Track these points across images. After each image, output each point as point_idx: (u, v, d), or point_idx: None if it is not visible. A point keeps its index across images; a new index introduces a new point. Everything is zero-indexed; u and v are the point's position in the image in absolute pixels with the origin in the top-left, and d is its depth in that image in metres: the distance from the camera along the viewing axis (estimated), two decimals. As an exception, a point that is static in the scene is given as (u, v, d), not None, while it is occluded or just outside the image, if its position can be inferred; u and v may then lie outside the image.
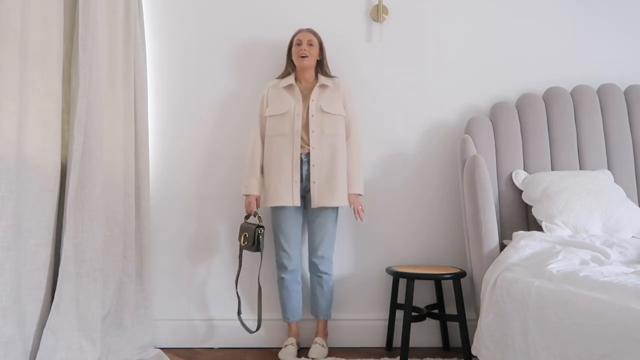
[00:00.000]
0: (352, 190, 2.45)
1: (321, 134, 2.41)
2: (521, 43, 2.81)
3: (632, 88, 2.67)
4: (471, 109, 2.77)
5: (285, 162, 2.39)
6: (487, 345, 1.98)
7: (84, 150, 2.02)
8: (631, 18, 2.85)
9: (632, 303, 1.31)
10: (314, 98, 2.45)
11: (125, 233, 2.34)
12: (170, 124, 2.72)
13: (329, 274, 2.47)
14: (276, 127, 2.44)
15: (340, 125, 2.46)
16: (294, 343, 2.45)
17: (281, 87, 2.50)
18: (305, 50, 2.45)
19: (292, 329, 2.52)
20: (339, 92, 2.49)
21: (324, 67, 2.55)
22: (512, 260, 2.03)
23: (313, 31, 2.53)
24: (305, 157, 2.41)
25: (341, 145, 2.44)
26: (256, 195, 2.46)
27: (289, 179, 2.38)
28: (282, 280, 2.46)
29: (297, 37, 2.50)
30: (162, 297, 2.64)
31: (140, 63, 2.50)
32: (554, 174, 2.45)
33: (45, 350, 1.81)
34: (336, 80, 2.53)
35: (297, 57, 2.47)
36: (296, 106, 2.43)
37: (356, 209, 2.44)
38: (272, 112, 2.46)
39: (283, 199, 2.37)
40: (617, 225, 2.24)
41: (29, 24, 1.82)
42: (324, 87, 2.49)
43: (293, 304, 2.48)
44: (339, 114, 2.45)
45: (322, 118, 2.42)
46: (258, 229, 2.39)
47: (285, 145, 2.40)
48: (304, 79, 2.52)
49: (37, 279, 1.84)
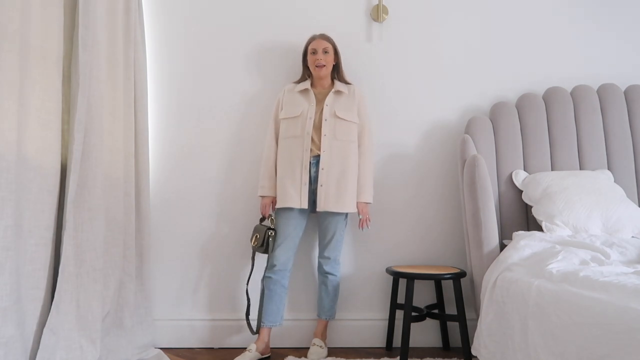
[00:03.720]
0: (361, 199, 2.44)
1: (333, 139, 2.40)
2: (521, 43, 2.81)
3: (632, 88, 2.67)
4: (471, 109, 2.77)
5: (295, 164, 2.39)
6: (487, 345, 1.99)
7: (84, 150, 2.02)
8: (631, 18, 2.85)
9: (632, 303, 1.31)
10: (329, 103, 2.45)
11: (125, 233, 2.35)
12: (170, 124, 2.72)
13: (334, 274, 2.46)
14: (289, 129, 2.45)
15: (353, 132, 2.45)
16: (253, 350, 2.33)
17: (296, 91, 2.51)
18: (321, 59, 2.44)
19: (261, 335, 2.38)
20: (354, 100, 2.49)
21: (340, 73, 2.55)
22: (512, 260, 2.03)
23: (327, 37, 2.50)
24: (314, 160, 2.41)
25: (352, 152, 2.43)
26: (272, 197, 2.47)
27: (299, 181, 2.38)
28: (266, 280, 2.42)
29: (311, 46, 2.48)
30: (162, 297, 2.64)
31: (140, 63, 2.50)
32: (554, 174, 2.45)
33: (45, 350, 1.81)
34: (352, 88, 2.53)
35: (314, 67, 2.46)
36: (309, 109, 2.44)
37: (364, 218, 2.44)
38: (285, 114, 2.47)
39: (291, 200, 2.37)
40: (617, 225, 2.24)
41: (29, 24, 1.82)
42: (339, 93, 2.49)
43: (272, 307, 2.39)
44: (353, 121, 2.45)
45: (334, 123, 2.42)
46: (269, 231, 2.41)
47: (296, 147, 2.41)
48: (320, 85, 2.53)
49: (37, 279, 1.84)
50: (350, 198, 2.40)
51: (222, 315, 2.63)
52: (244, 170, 2.69)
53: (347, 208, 2.39)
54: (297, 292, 2.65)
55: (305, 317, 2.61)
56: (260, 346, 2.37)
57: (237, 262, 2.65)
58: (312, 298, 2.65)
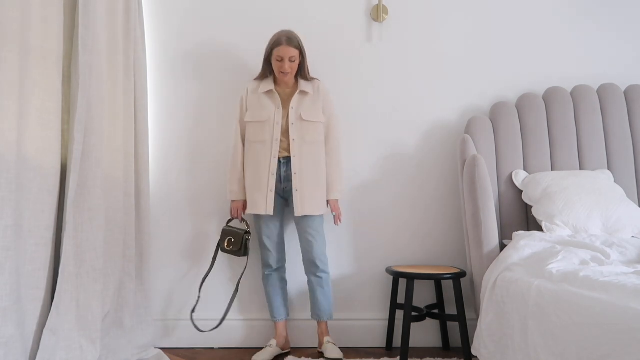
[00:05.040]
0: (331, 196, 2.45)
1: (302, 142, 2.39)
2: (521, 43, 2.80)
3: (632, 88, 2.67)
4: (471, 109, 2.77)
5: (262, 170, 2.39)
6: (487, 345, 1.99)
7: (84, 150, 2.02)
8: (631, 18, 2.84)
9: (632, 303, 1.31)
10: (294, 105, 2.42)
11: (125, 233, 2.35)
12: (170, 124, 2.72)
13: (326, 272, 2.45)
14: (256, 133, 2.43)
15: (321, 131, 2.45)
16: (274, 345, 2.44)
17: (261, 93, 2.46)
18: (287, 68, 2.37)
19: (278, 329, 2.50)
20: (318, 98, 2.46)
21: (304, 71, 2.47)
22: (512, 260, 2.03)
23: (293, 42, 2.37)
24: (284, 160, 2.39)
25: (322, 152, 2.45)
26: (242, 201, 2.48)
27: (265, 187, 2.38)
28: (267, 277, 2.49)
29: (277, 53, 2.35)
30: (162, 297, 2.64)
31: (140, 63, 2.50)
32: (554, 174, 2.45)
33: (45, 350, 1.81)
34: (315, 84, 2.49)
35: (278, 72, 2.40)
36: (276, 114, 2.41)
37: (337, 214, 2.46)
38: (251, 118, 2.44)
39: (258, 207, 2.39)
40: (617, 225, 2.24)
41: (29, 24, 1.82)
42: (304, 93, 2.45)
43: (277, 302, 2.49)
44: (319, 121, 2.44)
45: (301, 126, 2.40)
46: (246, 234, 2.45)
47: (263, 152, 2.39)
48: (283, 83, 2.47)
49: (37, 279, 1.84)
50: (323, 198, 2.44)
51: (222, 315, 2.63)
52: (244, 170, 2.69)
53: (322, 209, 2.42)
54: (294, 293, 2.65)
55: (305, 317, 2.61)
56: (280, 341, 2.47)
57: (237, 261, 2.65)
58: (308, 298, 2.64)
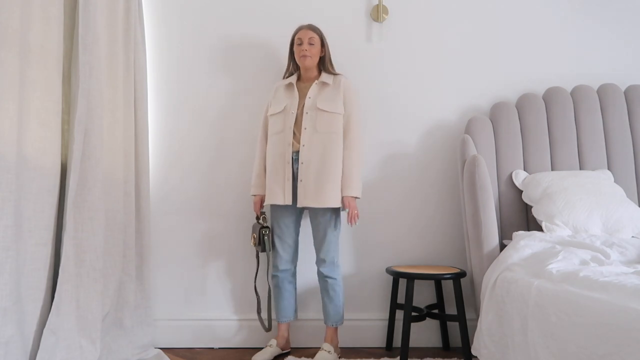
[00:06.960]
0: (346, 192, 2.30)
1: (313, 132, 2.34)
2: (521, 43, 2.81)
3: (632, 88, 2.67)
4: (471, 109, 2.77)
5: (278, 160, 2.38)
6: (487, 345, 1.98)
7: (84, 150, 2.02)
8: (631, 18, 2.84)
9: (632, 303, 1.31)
10: (311, 95, 2.40)
11: (125, 233, 2.35)
12: (170, 124, 2.72)
13: (332, 277, 2.36)
14: (274, 125, 2.43)
15: (336, 123, 2.35)
16: (274, 345, 2.43)
17: (282, 87, 2.49)
18: (306, 50, 2.39)
19: (280, 330, 2.48)
20: (338, 90, 2.41)
21: (327, 64, 2.48)
22: (512, 260, 2.03)
23: (313, 27, 2.44)
24: (296, 155, 2.37)
25: (334, 143, 2.33)
26: (261, 195, 2.47)
27: (282, 176, 2.36)
28: (273, 279, 2.48)
29: (297, 36, 2.43)
30: (162, 297, 2.64)
31: (140, 63, 2.50)
32: (554, 174, 2.45)
33: (45, 350, 1.81)
34: (338, 78, 2.46)
35: (299, 57, 2.42)
36: (292, 103, 2.41)
37: (351, 213, 2.31)
38: (271, 111, 2.46)
39: (276, 196, 2.35)
40: (617, 225, 2.24)
41: (29, 24, 1.82)
42: (324, 84, 2.43)
43: (283, 304, 2.46)
44: (336, 112, 2.35)
45: (315, 115, 2.36)
46: (263, 229, 2.42)
47: (280, 143, 2.39)
48: (306, 78, 2.49)
49: (37, 279, 1.84)
50: (332, 193, 2.28)
51: (222, 315, 2.63)
52: (245, 170, 2.69)
53: (328, 203, 2.27)
54: (298, 293, 2.64)
55: (305, 317, 2.61)
56: (281, 342, 2.46)
57: (237, 261, 2.65)
58: (313, 298, 2.65)
